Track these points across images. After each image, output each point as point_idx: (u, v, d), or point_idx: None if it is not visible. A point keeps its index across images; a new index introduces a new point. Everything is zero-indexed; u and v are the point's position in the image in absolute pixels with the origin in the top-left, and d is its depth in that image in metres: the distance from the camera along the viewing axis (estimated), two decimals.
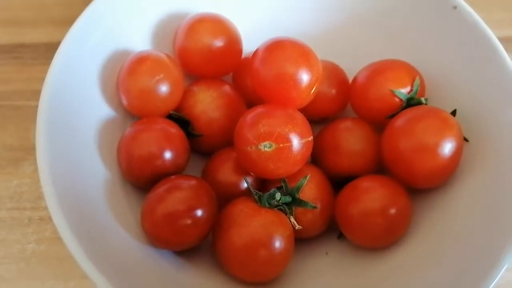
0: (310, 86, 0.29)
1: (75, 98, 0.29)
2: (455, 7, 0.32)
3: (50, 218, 0.34)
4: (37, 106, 0.27)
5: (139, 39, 0.33)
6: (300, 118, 0.28)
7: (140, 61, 0.31)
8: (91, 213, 0.27)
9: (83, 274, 0.32)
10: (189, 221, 0.27)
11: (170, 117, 0.32)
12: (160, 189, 0.27)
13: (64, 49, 0.29)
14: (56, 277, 0.32)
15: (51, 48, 0.41)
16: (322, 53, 0.31)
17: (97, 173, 0.29)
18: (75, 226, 0.25)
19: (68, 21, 0.30)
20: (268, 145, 0.27)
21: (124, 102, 0.31)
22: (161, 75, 0.30)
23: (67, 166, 0.27)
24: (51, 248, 0.33)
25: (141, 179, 0.29)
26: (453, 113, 0.30)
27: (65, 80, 0.29)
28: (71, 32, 0.30)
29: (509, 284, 0.33)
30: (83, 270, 0.24)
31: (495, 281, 0.24)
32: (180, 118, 0.32)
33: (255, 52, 0.30)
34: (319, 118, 0.34)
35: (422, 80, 0.32)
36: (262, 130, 0.27)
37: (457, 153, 0.28)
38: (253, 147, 0.27)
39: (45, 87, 0.28)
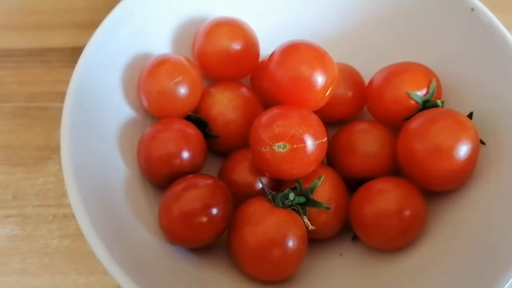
0: (325, 88, 0.29)
1: (98, 99, 0.30)
2: (472, 9, 0.31)
3: (73, 215, 0.35)
4: (62, 108, 0.28)
5: (159, 43, 0.34)
6: (314, 119, 0.29)
7: (160, 64, 0.31)
8: (112, 211, 0.28)
9: (104, 270, 0.33)
10: (204, 219, 0.27)
11: (188, 118, 0.32)
12: (177, 188, 0.28)
13: (88, 53, 0.30)
14: (78, 272, 0.33)
15: (76, 52, 0.42)
16: (338, 56, 0.31)
17: (118, 171, 0.30)
18: (96, 223, 0.26)
19: (93, 25, 0.31)
20: (282, 146, 0.27)
21: (145, 103, 0.32)
22: (180, 78, 0.31)
23: (90, 165, 0.28)
24: (74, 244, 0.34)
25: (159, 178, 0.30)
26: (470, 115, 0.30)
27: (88, 82, 0.30)
28: (94, 36, 0.31)
29: None
30: (104, 266, 0.25)
31: (508, 283, 0.24)
32: (198, 119, 0.33)
33: (271, 55, 0.30)
34: (335, 120, 0.35)
35: (438, 83, 0.32)
36: (276, 131, 0.27)
37: (473, 156, 0.28)
38: (268, 147, 0.28)
39: (70, 89, 0.29)
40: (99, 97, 0.31)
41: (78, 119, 0.28)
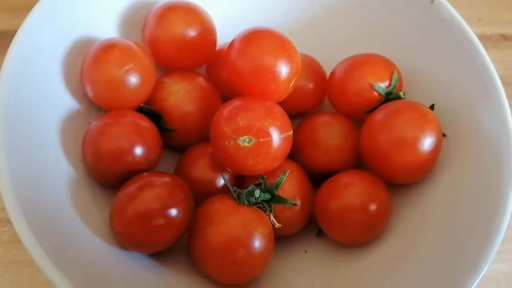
0: (289, 78, 0.28)
1: (35, 90, 0.27)
2: (432, 2, 0.31)
3: (7, 221, 0.32)
4: None
5: (104, 26, 0.31)
6: (279, 111, 0.27)
7: (107, 49, 0.29)
8: (55, 214, 0.25)
9: (46, 280, 0.30)
10: (163, 221, 0.25)
11: (140, 110, 0.30)
12: (131, 187, 0.26)
13: (21, 38, 0.27)
14: (16, 284, 0.30)
15: (7, 37, 0.38)
16: (299, 47, 0.30)
17: (60, 170, 0.27)
18: (36, 228, 0.23)
19: (26, 8, 0.28)
20: (247, 140, 0.26)
21: (90, 93, 0.29)
22: (131, 65, 0.28)
23: (28, 163, 0.25)
24: (9, 252, 0.31)
25: (109, 177, 0.28)
26: (431, 107, 0.30)
27: (22, 71, 0.27)
28: (29, 18, 0.28)
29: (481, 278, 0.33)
30: (46, 276, 0.22)
31: (477, 280, 0.24)
32: (151, 111, 0.30)
33: (232, 43, 0.28)
34: (296, 113, 0.33)
35: (400, 74, 0.31)
36: (241, 124, 0.26)
37: (436, 148, 0.28)
38: (231, 142, 0.26)
39: (1, 79, 0.26)
40: (35, 87, 0.28)
41: (12, 113, 0.25)
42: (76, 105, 0.30)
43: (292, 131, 0.28)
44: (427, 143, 0.28)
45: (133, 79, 0.29)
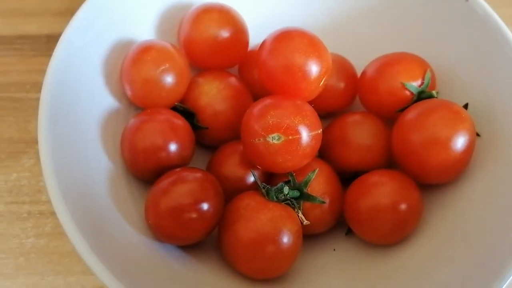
0: (319, 77, 0.28)
1: (77, 89, 0.29)
2: (467, 0, 0.31)
3: (50, 213, 0.33)
4: (37, 99, 0.27)
5: (143, 29, 0.33)
6: (309, 109, 0.28)
7: (145, 51, 0.30)
8: (95, 207, 0.26)
9: (84, 270, 0.31)
10: (194, 215, 0.26)
11: (175, 108, 0.31)
12: (164, 182, 0.27)
13: (65, 40, 0.28)
14: (56, 273, 0.31)
15: (52, 40, 0.40)
16: (330, 46, 0.30)
17: (100, 165, 0.28)
18: (78, 220, 0.24)
19: (69, 12, 0.30)
20: (276, 137, 0.26)
21: (128, 92, 0.30)
22: (166, 65, 0.29)
23: (70, 158, 0.26)
24: (51, 243, 0.32)
25: (145, 172, 0.29)
26: (465, 106, 0.30)
27: (67, 71, 0.28)
28: (72, 22, 0.29)
29: None
30: (87, 265, 0.23)
31: (507, 283, 0.23)
32: (185, 109, 0.31)
33: (263, 43, 0.29)
34: (327, 113, 0.34)
35: (433, 73, 0.31)
36: (270, 121, 0.26)
37: (470, 148, 0.28)
38: (261, 139, 0.26)
39: (47, 78, 0.27)
40: (79, 87, 0.29)
41: (56, 110, 0.27)
42: (116, 104, 0.31)
43: (321, 129, 0.28)
44: (460, 142, 0.27)
45: (168, 79, 0.30)
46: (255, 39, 0.33)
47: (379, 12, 0.35)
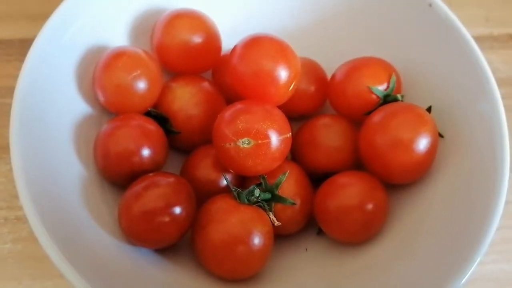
0: (288, 82, 0.29)
1: (50, 95, 0.29)
2: (430, 5, 0.32)
3: (27, 218, 0.33)
4: (11, 104, 0.27)
5: (115, 35, 0.33)
6: (278, 114, 0.28)
7: (117, 57, 0.30)
8: (67, 212, 0.27)
9: (61, 274, 0.32)
10: (167, 218, 0.27)
11: (148, 113, 0.31)
12: (137, 186, 0.27)
13: (38, 45, 0.29)
14: (33, 277, 0.32)
15: (26, 44, 0.40)
16: (301, 50, 0.31)
17: (73, 171, 0.29)
18: (50, 225, 0.25)
19: (43, 16, 0.30)
20: (246, 142, 0.27)
21: (101, 98, 0.31)
22: (138, 71, 0.30)
23: (42, 164, 0.27)
24: (28, 248, 0.32)
25: (118, 177, 0.29)
26: (429, 109, 0.31)
27: (39, 76, 0.28)
28: (45, 27, 0.29)
29: (483, 278, 0.33)
30: (59, 270, 0.24)
31: (467, 276, 0.25)
32: (158, 114, 0.32)
33: (233, 49, 0.30)
34: (298, 115, 0.34)
35: (398, 77, 0.32)
36: (240, 126, 0.27)
37: (432, 149, 0.29)
38: (232, 143, 0.27)
39: (19, 84, 0.27)
40: (51, 92, 0.29)
41: (29, 116, 0.27)
42: (88, 110, 0.31)
43: (290, 133, 0.29)
44: (422, 144, 0.28)
45: (141, 85, 0.30)
46: (228, 43, 0.34)
47: (346, 16, 0.36)
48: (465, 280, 0.25)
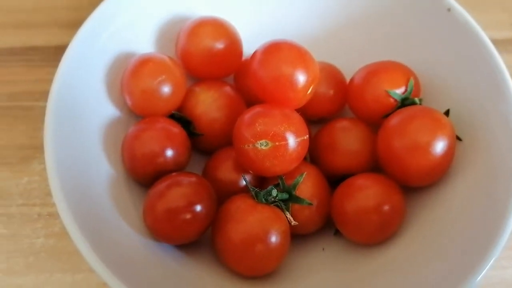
0: (306, 86, 0.30)
1: (81, 99, 0.31)
2: (449, 9, 0.32)
3: (59, 214, 0.35)
4: (45, 107, 0.29)
5: (143, 42, 0.35)
6: (296, 117, 0.29)
7: (143, 63, 0.32)
8: (96, 209, 0.28)
9: (91, 268, 0.33)
10: (188, 216, 0.28)
11: (172, 116, 0.33)
12: (161, 186, 0.29)
13: (71, 52, 0.30)
14: (64, 271, 0.33)
15: (59, 51, 0.42)
16: (320, 55, 0.32)
17: (102, 170, 0.30)
18: (81, 221, 0.26)
19: (76, 24, 0.31)
20: (264, 143, 0.28)
21: (128, 102, 0.32)
22: (163, 76, 0.31)
23: (74, 164, 0.28)
24: (60, 242, 0.34)
25: (143, 176, 0.31)
26: (446, 113, 0.31)
27: (71, 81, 0.30)
28: (78, 35, 0.31)
29: (504, 282, 0.33)
30: (89, 264, 0.25)
31: (482, 274, 0.25)
32: (182, 118, 0.33)
33: (254, 54, 0.31)
34: (317, 118, 0.35)
35: (416, 81, 0.32)
36: (258, 128, 0.28)
37: (450, 152, 0.29)
38: (250, 145, 0.28)
39: (53, 88, 0.29)
40: (83, 96, 0.31)
41: (62, 118, 0.29)
42: (117, 113, 0.33)
43: (307, 136, 0.29)
44: (439, 147, 0.29)
45: (165, 89, 0.32)
46: (249, 49, 0.35)
47: (366, 22, 0.36)
48: (478, 280, 0.25)
